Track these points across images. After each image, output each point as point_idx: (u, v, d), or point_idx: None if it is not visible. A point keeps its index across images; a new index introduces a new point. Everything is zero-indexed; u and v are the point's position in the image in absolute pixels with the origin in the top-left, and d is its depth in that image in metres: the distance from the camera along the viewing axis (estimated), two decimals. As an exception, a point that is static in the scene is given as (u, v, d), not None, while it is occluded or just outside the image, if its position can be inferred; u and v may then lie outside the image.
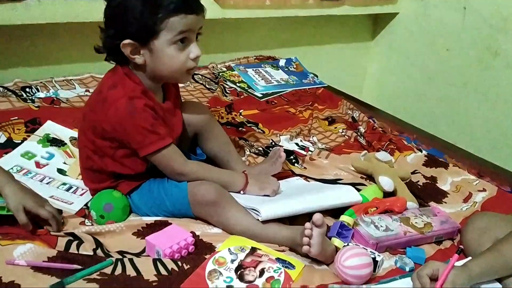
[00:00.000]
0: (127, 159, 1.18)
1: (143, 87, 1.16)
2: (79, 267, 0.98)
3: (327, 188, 1.38)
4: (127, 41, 1.09)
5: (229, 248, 1.07)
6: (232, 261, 1.04)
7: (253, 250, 1.08)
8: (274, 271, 1.02)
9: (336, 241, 1.14)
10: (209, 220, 1.19)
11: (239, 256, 1.05)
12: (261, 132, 1.73)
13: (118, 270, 0.99)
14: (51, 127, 1.48)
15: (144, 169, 1.21)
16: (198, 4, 1.13)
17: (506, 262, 1.04)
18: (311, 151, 1.63)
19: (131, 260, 1.01)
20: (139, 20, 1.07)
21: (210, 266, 1.02)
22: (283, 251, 1.13)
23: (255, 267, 1.03)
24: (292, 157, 1.56)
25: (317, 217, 1.05)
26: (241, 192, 1.25)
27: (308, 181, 1.46)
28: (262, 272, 1.02)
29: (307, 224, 1.05)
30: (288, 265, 1.05)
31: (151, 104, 1.15)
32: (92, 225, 1.16)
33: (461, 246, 1.06)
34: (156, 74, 1.16)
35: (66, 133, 1.48)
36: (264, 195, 1.27)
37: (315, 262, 1.11)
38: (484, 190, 1.52)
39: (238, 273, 1.01)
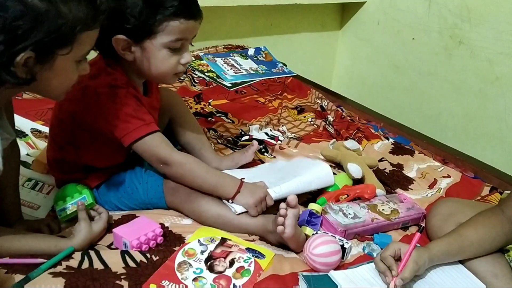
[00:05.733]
0: (106, 150, 1.15)
1: (127, 79, 1.12)
2: (43, 260, 0.95)
3: (301, 170, 1.32)
4: (121, 36, 1.05)
5: (198, 239, 1.07)
6: (202, 252, 1.04)
7: (223, 240, 1.08)
8: (244, 261, 1.03)
9: (306, 229, 1.15)
10: (181, 209, 1.17)
11: (209, 247, 1.05)
12: (231, 122, 1.72)
13: (85, 264, 0.97)
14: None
15: (123, 160, 1.19)
16: (198, 10, 1.11)
17: (466, 245, 1.07)
18: (281, 141, 1.63)
19: (97, 253, 0.99)
20: (138, 18, 1.04)
21: (179, 257, 1.01)
22: (253, 240, 1.13)
23: (225, 258, 1.03)
24: (261, 146, 1.56)
25: (291, 197, 1.05)
26: (229, 201, 1.15)
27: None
28: (232, 263, 1.02)
29: (282, 204, 1.05)
30: (258, 254, 1.05)
31: (134, 92, 1.11)
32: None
33: (422, 225, 1.09)
34: (142, 72, 1.13)
35: (27, 125, 1.44)
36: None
37: (285, 251, 1.11)
38: (448, 176, 1.56)
39: (208, 264, 1.01)
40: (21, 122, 1.44)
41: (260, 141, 1.58)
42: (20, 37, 0.77)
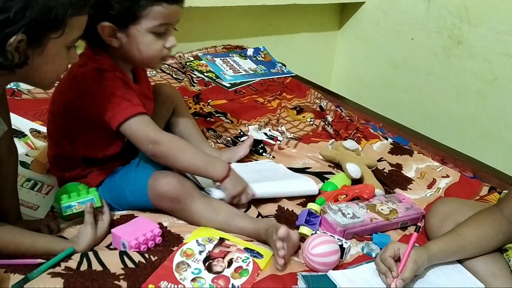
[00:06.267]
0: (100, 139, 1.15)
1: (113, 63, 1.13)
2: (43, 261, 0.95)
3: (289, 176, 1.38)
4: (106, 23, 1.06)
5: (197, 240, 1.06)
6: (200, 252, 1.03)
7: (221, 240, 1.08)
8: (243, 261, 1.03)
9: (305, 229, 1.15)
10: (171, 214, 1.16)
11: (207, 247, 1.05)
12: (230, 122, 1.72)
13: (84, 266, 0.97)
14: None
15: (119, 150, 1.18)
16: None
17: (464, 244, 1.07)
18: (280, 141, 1.64)
19: (96, 254, 0.99)
20: (122, 4, 1.05)
21: (177, 258, 1.01)
22: (251, 240, 1.13)
23: (223, 258, 1.03)
24: (259, 146, 1.56)
25: (283, 233, 1.01)
26: (217, 183, 1.17)
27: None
28: (230, 263, 1.02)
29: (279, 244, 1.01)
30: (256, 254, 1.05)
31: (121, 76, 1.12)
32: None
33: (419, 224, 1.09)
34: (129, 58, 1.14)
35: (26, 124, 1.44)
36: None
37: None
38: (447, 176, 1.56)
39: (206, 264, 1.01)
40: (20, 122, 1.44)
41: (259, 141, 1.58)
42: (12, 19, 0.78)
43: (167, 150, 1.12)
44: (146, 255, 1.01)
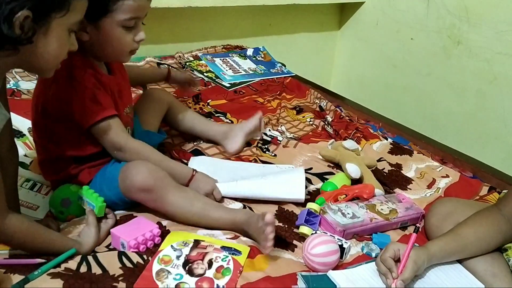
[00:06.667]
0: (84, 137, 1.15)
1: (84, 59, 1.13)
2: (42, 260, 0.95)
3: (276, 179, 1.31)
4: None
5: (171, 245, 1.04)
6: (178, 257, 1.01)
7: (197, 242, 1.06)
8: (222, 259, 1.01)
9: (305, 229, 1.15)
10: (146, 205, 1.14)
11: (184, 251, 1.03)
12: (230, 122, 1.72)
13: (84, 267, 0.96)
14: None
15: (102, 148, 1.18)
16: None
17: (464, 244, 1.07)
18: (280, 141, 1.63)
19: (95, 257, 0.99)
20: None
21: (156, 266, 0.98)
22: (234, 236, 1.11)
23: (202, 260, 1.01)
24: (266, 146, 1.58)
25: (271, 218, 1.02)
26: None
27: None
28: (210, 263, 1.00)
29: (269, 228, 1.02)
30: (234, 251, 1.04)
31: (93, 72, 1.13)
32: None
33: (418, 225, 1.09)
34: (98, 52, 1.15)
35: (24, 124, 1.44)
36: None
37: (282, 251, 1.11)
38: (447, 176, 1.56)
39: (187, 268, 0.99)
40: (19, 122, 1.44)
41: (267, 141, 1.60)
42: None
43: (130, 157, 1.14)
44: (145, 256, 1.01)
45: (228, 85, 2.01)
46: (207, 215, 1.13)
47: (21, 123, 1.44)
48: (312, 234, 1.11)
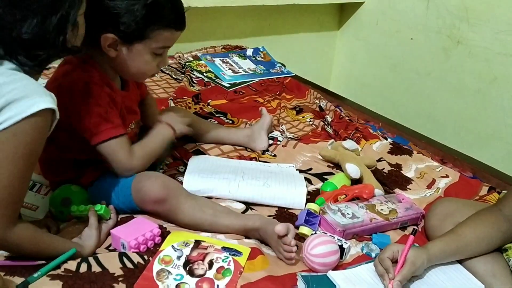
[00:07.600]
0: (85, 145, 1.14)
1: (102, 73, 1.13)
2: (42, 262, 0.94)
3: (278, 189, 1.31)
4: (111, 35, 1.08)
5: (172, 245, 1.04)
6: (178, 257, 1.01)
7: (197, 243, 1.06)
8: (223, 260, 1.01)
9: (305, 229, 1.15)
10: (156, 216, 1.15)
11: (184, 251, 1.03)
12: (230, 122, 1.72)
13: (83, 268, 0.96)
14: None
15: None
16: (185, 22, 1.17)
17: (464, 245, 1.07)
18: (280, 141, 1.63)
19: (95, 258, 0.98)
20: (137, 23, 1.07)
21: (156, 266, 0.98)
22: (240, 238, 1.11)
23: (203, 260, 1.01)
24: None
25: (281, 230, 1.04)
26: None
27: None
28: (211, 264, 1.00)
29: (290, 240, 1.04)
30: (235, 252, 1.04)
31: (109, 91, 1.13)
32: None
33: (416, 228, 1.09)
34: (121, 69, 1.16)
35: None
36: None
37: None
38: (447, 176, 1.56)
39: (187, 268, 0.99)
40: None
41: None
42: None
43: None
44: (145, 256, 1.01)
45: (228, 85, 2.01)
46: (218, 221, 1.13)
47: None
48: (312, 234, 1.11)
